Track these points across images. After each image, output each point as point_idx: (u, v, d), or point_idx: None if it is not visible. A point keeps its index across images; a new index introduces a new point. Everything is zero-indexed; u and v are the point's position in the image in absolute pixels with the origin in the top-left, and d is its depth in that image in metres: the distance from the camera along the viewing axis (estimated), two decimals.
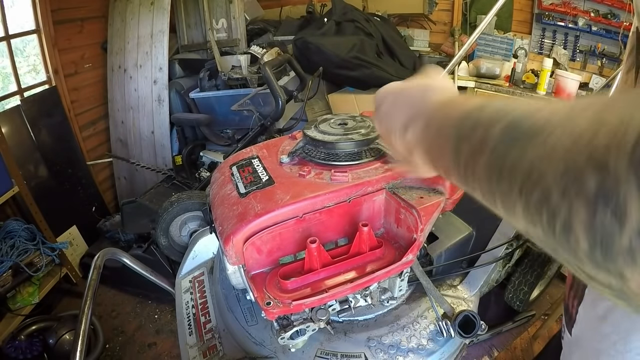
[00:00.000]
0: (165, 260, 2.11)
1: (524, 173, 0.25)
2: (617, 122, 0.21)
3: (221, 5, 2.98)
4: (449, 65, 1.54)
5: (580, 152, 0.22)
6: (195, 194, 1.58)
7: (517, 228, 0.28)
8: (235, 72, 2.71)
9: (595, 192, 0.21)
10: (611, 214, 0.20)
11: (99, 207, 2.94)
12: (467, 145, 0.32)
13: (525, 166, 0.25)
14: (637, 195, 0.19)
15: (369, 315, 0.81)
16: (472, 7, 3.31)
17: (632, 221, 0.19)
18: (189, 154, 2.79)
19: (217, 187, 0.83)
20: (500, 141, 0.28)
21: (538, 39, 3.30)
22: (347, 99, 2.91)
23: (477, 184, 0.32)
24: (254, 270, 0.70)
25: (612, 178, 0.20)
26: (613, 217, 0.20)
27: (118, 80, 2.97)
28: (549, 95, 2.93)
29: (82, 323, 0.95)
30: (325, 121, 0.88)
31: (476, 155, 0.31)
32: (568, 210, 0.22)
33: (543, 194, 0.24)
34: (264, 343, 0.79)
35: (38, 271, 2.10)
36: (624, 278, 0.21)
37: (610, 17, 2.98)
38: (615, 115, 0.21)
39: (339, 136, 0.81)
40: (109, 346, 2.19)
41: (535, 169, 0.25)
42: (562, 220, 0.23)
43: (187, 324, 0.96)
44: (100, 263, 1.13)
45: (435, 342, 0.77)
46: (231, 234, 0.66)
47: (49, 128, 2.57)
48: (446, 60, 3.25)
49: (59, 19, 2.60)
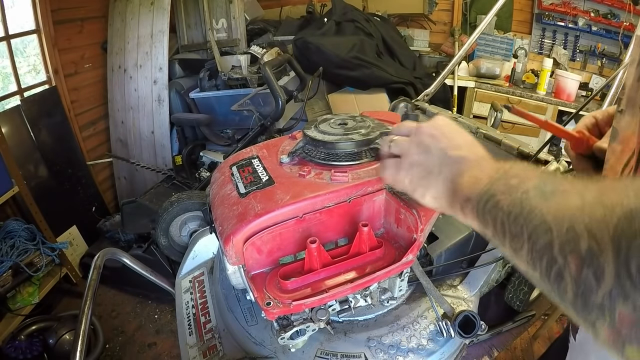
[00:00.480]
0: (165, 260, 2.11)
1: (537, 222, 0.30)
2: (611, 203, 0.26)
3: (221, 5, 2.98)
4: (449, 65, 1.54)
5: (583, 218, 0.27)
6: (195, 194, 1.58)
7: (518, 267, 0.33)
8: (235, 72, 2.71)
9: (585, 253, 0.26)
10: (592, 274, 0.25)
11: (99, 207, 2.94)
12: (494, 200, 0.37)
13: (539, 216, 0.30)
14: (613, 263, 0.24)
15: (369, 315, 0.81)
16: (472, 7, 3.31)
17: (607, 283, 0.24)
18: (189, 154, 2.79)
19: (217, 187, 0.83)
20: (527, 191, 0.33)
21: (538, 39, 3.30)
22: (347, 99, 2.91)
23: (491, 222, 0.36)
24: (254, 270, 0.70)
25: (598, 246, 0.25)
26: (593, 277, 0.25)
27: (118, 80, 2.97)
28: (549, 95, 2.93)
29: (82, 323, 0.95)
30: (325, 121, 0.88)
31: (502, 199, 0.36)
32: (564, 262, 0.27)
33: (547, 243, 0.29)
34: (264, 343, 0.79)
35: (38, 271, 2.09)
36: (595, 329, 0.26)
37: (610, 17, 2.98)
38: (612, 197, 0.26)
39: (339, 136, 0.81)
40: (109, 346, 2.19)
41: (546, 221, 0.29)
42: (557, 269, 0.28)
43: (187, 324, 0.96)
44: (100, 263, 1.13)
45: (435, 342, 0.77)
46: (231, 234, 0.66)
47: (49, 128, 2.57)
48: (446, 60, 3.25)
49: (59, 19, 2.60)
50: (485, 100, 3.07)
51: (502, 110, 1.35)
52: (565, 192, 0.30)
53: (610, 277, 0.24)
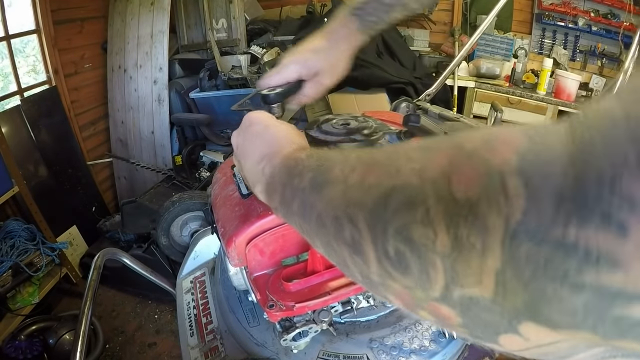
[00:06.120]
0: (165, 261, 2.11)
1: (314, 218, 0.30)
2: (369, 184, 0.25)
3: (221, 5, 2.98)
4: (451, 65, 1.53)
5: (343, 205, 0.26)
6: (196, 193, 1.57)
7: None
8: (235, 72, 2.71)
9: (350, 241, 0.25)
10: (361, 259, 0.25)
11: (99, 207, 2.94)
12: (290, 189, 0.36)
13: (315, 213, 0.30)
14: (372, 249, 0.23)
15: (371, 316, 0.81)
16: (472, 7, 3.31)
17: (374, 266, 0.24)
18: (189, 154, 2.79)
19: (219, 187, 0.83)
20: (304, 189, 0.32)
21: (538, 39, 3.30)
22: (347, 99, 2.91)
23: (295, 226, 0.36)
24: (256, 272, 0.70)
25: (358, 233, 0.24)
26: (362, 262, 0.25)
27: (118, 80, 2.97)
28: (549, 95, 2.93)
29: (82, 323, 0.95)
30: (327, 121, 0.88)
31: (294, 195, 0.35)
32: (341, 251, 0.27)
33: (326, 237, 0.28)
34: (266, 344, 0.79)
35: (38, 271, 2.09)
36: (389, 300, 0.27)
37: (610, 17, 2.98)
38: (372, 177, 0.25)
39: (341, 137, 0.81)
40: (109, 346, 2.19)
41: (320, 216, 0.29)
42: (341, 260, 0.28)
43: (189, 324, 0.95)
44: (100, 263, 1.13)
45: (437, 344, 0.77)
46: (233, 236, 0.66)
47: (49, 128, 2.57)
48: (446, 60, 3.25)
49: (59, 19, 2.59)
50: (486, 100, 3.07)
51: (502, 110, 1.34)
52: (332, 180, 0.29)
53: (374, 261, 0.23)
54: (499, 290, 0.18)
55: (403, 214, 0.21)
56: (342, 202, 0.26)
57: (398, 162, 0.24)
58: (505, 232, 0.17)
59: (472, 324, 0.21)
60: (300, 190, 0.33)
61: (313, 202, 0.30)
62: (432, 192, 0.20)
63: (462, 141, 0.21)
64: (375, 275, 0.24)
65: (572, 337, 0.18)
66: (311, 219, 0.30)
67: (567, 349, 0.19)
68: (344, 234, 0.25)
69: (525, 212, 0.17)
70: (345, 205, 0.26)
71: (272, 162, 0.41)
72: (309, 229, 0.32)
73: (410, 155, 0.24)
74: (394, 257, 0.22)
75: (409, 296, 0.23)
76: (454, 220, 0.19)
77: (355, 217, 0.24)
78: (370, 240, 0.23)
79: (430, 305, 0.22)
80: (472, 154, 0.20)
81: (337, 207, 0.27)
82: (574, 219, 0.16)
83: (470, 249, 0.18)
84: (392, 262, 0.22)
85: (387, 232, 0.22)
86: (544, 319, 0.18)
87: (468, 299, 0.20)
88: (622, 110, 0.16)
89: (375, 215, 0.23)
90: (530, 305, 0.17)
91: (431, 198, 0.20)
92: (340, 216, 0.26)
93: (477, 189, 0.19)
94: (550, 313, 0.17)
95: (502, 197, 0.18)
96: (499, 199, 0.18)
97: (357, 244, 0.24)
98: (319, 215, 0.29)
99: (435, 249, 0.20)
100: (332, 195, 0.28)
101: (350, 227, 0.25)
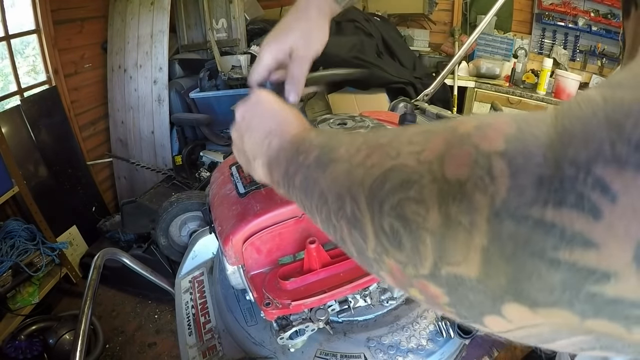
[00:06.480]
0: (165, 260, 2.11)
1: (317, 194, 0.31)
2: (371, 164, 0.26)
3: (221, 5, 2.98)
4: (449, 65, 1.54)
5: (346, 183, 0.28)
6: (195, 194, 1.58)
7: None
8: (235, 72, 2.71)
9: (350, 217, 0.26)
10: (359, 235, 0.26)
11: (99, 207, 2.94)
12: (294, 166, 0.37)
13: (318, 189, 0.31)
14: (370, 224, 0.24)
15: (368, 315, 0.81)
16: (472, 7, 3.31)
17: (371, 242, 0.25)
18: (189, 154, 2.79)
19: (217, 187, 0.83)
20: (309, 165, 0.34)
21: (538, 39, 3.30)
22: (347, 99, 2.91)
23: (297, 200, 0.37)
24: (253, 270, 0.70)
25: (358, 209, 0.25)
26: (360, 237, 0.26)
27: (118, 80, 2.97)
28: (549, 95, 2.93)
29: (82, 323, 0.95)
30: (324, 121, 0.88)
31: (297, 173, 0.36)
32: (340, 227, 0.28)
33: (327, 213, 0.30)
34: (263, 343, 0.79)
35: (38, 271, 2.09)
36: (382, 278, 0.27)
37: (610, 17, 2.98)
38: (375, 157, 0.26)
39: None
40: (109, 346, 2.19)
41: (323, 192, 0.30)
42: (340, 235, 0.29)
43: (187, 324, 0.96)
44: (100, 263, 1.13)
45: (434, 343, 0.77)
46: (230, 234, 0.66)
47: (49, 128, 2.57)
48: (446, 60, 3.25)
49: (59, 19, 2.59)
50: (486, 100, 3.07)
51: (502, 110, 1.35)
52: (338, 159, 0.30)
53: (372, 236, 0.25)
54: (484, 269, 0.19)
55: (398, 192, 0.23)
56: (345, 180, 0.28)
57: (400, 145, 0.25)
58: (490, 210, 0.18)
59: (458, 303, 0.22)
60: (305, 166, 0.34)
61: (317, 179, 0.32)
62: (426, 173, 0.22)
63: (457, 125, 0.23)
64: (371, 251, 0.25)
65: (553, 319, 0.18)
66: (313, 195, 0.32)
67: (549, 334, 0.20)
68: (345, 210, 0.27)
69: (508, 190, 0.18)
70: (349, 183, 0.27)
71: (280, 137, 0.42)
72: (309, 204, 0.33)
73: (411, 139, 0.25)
74: (389, 232, 0.23)
75: (401, 272, 0.24)
76: (445, 199, 0.20)
77: (357, 194, 0.26)
78: (369, 217, 0.25)
79: (420, 283, 0.23)
80: (464, 138, 0.21)
81: (340, 185, 0.28)
82: (552, 199, 0.17)
83: (458, 226, 0.19)
84: (388, 238, 0.23)
85: (383, 208, 0.23)
86: (525, 296, 0.18)
87: (455, 277, 0.20)
88: (602, 99, 0.17)
89: (374, 193, 0.24)
90: (512, 282, 0.18)
91: (425, 178, 0.21)
92: (343, 193, 0.27)
93: (467, 170, 0.20)
94: (530, 290, 0.18)
95: (488, 177, 0.19)
96: (485, 178, 0.19)
97: (357, 220, 0.26)
98: (322, 191, 0.30)
99: (426, 225, 0.21)
100: (337, 174, 0.29)
101: (351, 204, 0.26)
